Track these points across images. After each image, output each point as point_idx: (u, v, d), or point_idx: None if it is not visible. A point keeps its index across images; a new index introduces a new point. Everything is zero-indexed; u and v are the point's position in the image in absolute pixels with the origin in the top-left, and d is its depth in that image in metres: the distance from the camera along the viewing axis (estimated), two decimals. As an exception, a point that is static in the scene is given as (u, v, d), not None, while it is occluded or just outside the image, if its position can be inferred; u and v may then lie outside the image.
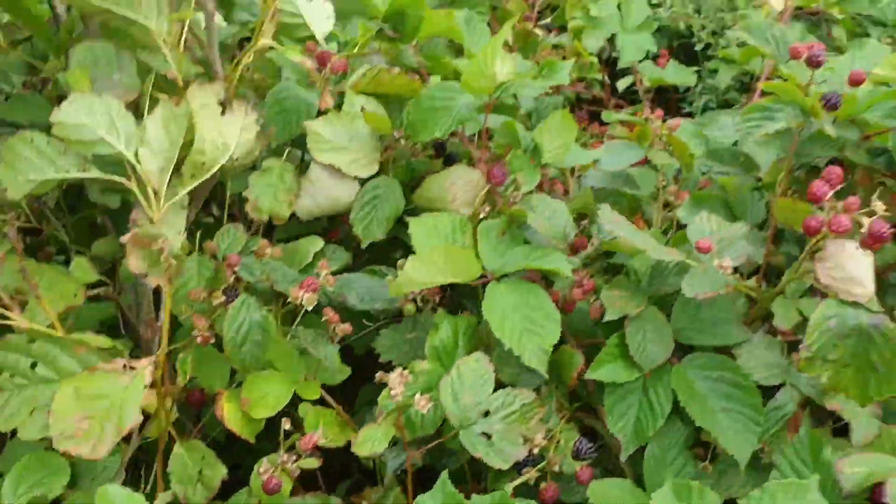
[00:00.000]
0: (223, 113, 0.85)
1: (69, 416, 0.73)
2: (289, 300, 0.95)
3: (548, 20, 2.00)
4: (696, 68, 1.88)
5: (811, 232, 0.87)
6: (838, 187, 0.88)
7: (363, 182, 1.14)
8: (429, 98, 1.08)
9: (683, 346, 1.03)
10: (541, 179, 1.15)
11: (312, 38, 1.19)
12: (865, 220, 0.84)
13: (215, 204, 1.25)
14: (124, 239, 0.78)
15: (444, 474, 0.83)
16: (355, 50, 1.21)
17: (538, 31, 1.93)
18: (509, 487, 0.90)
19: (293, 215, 1.11)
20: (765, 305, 1.00)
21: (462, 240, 1.04)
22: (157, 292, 1.00)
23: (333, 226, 1.24)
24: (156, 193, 0.78)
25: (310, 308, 0.94)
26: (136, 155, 0.77)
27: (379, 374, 0.91)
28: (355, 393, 1.17)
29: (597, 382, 1.02)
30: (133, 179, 0.78)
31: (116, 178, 0.78)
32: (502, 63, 1.06)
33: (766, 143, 1.16)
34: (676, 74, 1.79)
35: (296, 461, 0.88)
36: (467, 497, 0.81)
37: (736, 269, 1.00)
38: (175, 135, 0.78)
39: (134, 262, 0.78)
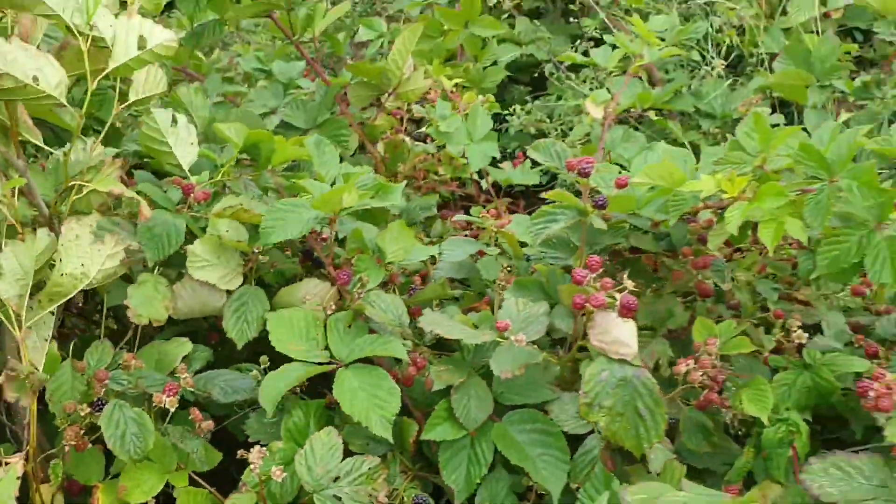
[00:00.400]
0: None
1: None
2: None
3: (422, 129, 2.25)
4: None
5: (577, 307, 1.09)
6: (599, 271, 1.10)
7: (230, 292, 1.32)
8: (281, 210, 1.28)
9: (505, 406, 1.23)
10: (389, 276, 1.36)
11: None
12: (618, 296, 1.07)
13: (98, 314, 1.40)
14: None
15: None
16: (220, 176, 1.41)
17: (407, 140, 2.18)
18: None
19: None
20: (563, 369, 1.21)
21: (314, 333, 1.23)
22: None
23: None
24: (17, 316, 0.95)
25: (172, 409, 1.10)
26: None
27: (240, 452, 1.07)
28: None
29: (437, 444, 1.20)
30: None
31: None
32: (349, 195, 1.28)
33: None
34: (523, 175, 2.05)
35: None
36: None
37: (556, 341, 1.20)
38: (27, 266, 0.95)
39: (8, 393, 0.93)
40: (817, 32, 2.47)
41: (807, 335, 1.31)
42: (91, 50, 1.06)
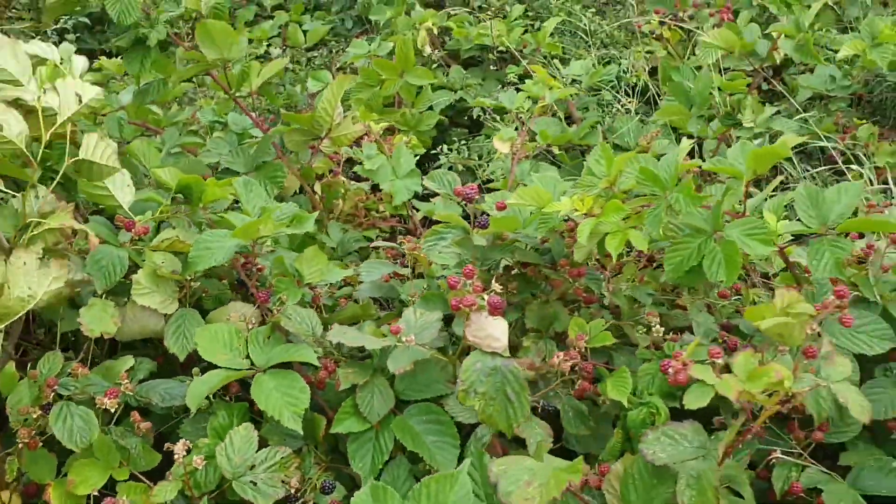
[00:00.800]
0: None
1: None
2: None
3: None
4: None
5: (454, 308, 1.29)
6: (473, 278, 1.30)
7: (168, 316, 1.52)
8: (206, 241, 1.47)
9: (407, 402, 1.42)
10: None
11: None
12: (486, 297, 1.27)
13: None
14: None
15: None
16: (158, 213, 1.61)
17: (346, 181, 2.39)
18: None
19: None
20: (455, 367, 1.40)
21: (237, 344, 1.41)
22: None
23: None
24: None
25: (112, 410, 1.28)
26: None
27: (167, 445, 1.26)
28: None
29: (348, 437, 1.38)
30: None
31: None
32: (266, 224, 1.48)
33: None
34: (445, 209, 2.27)
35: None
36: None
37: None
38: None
39: None
40: (720, 71, 2.72)
41: (678, 333, 1.52)
42: (44, 111, 1.27)
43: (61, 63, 1.49)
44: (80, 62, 1.62)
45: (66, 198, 1.55)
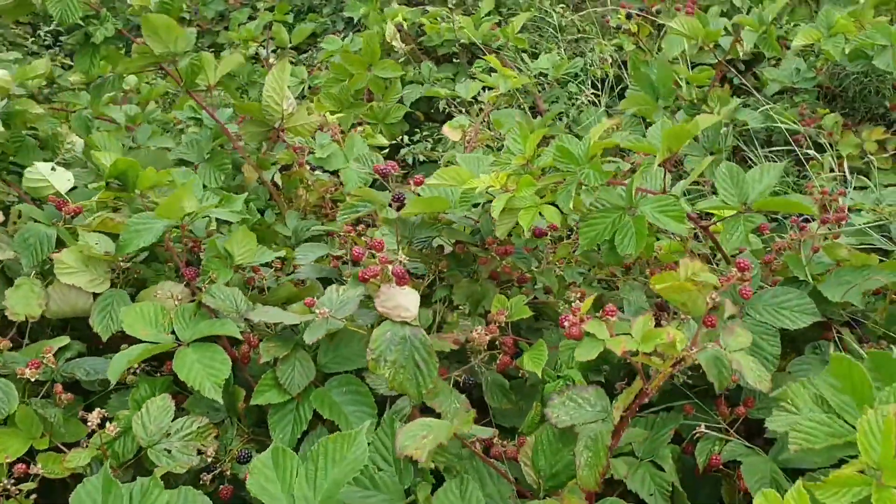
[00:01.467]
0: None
1: None
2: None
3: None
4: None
5: (361, 280, 1.31)
6: (381, 251, 1.32)
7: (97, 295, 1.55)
8: (135, 223, 1.50)
9: (330, 375, 1.44)
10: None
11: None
12: (390, 267, 1.29)
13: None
14: None
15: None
16: (96, 199, 1.64)
17: (306, 171, 2.42)
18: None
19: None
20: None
21: (163, 322, 1.44)
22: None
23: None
24: None
25: (32, 380, 1.31)
26: None
27: (81, 413, 1.28)
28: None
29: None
30: None
31: None
32: (188, 201, 1.51)
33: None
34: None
35: (14, 484, 1.23)
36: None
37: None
38: None
39: None
40: (689, 65, 2.74)
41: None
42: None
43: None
44: None
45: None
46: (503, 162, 1.44)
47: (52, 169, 1.70)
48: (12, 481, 1.24)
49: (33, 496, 1.28)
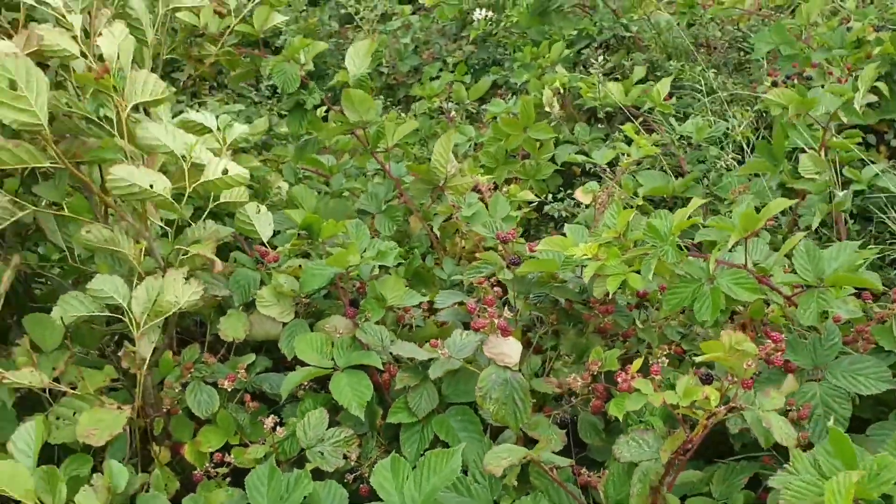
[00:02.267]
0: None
1: (85, 428, 1.55)
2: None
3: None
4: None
5: (475, 330, 1.63)
6: (492, 307, 1.64)
7: (285, 323, 1.98)
8: (312, 269, 1.92)
9: (451, 404, 1.78)
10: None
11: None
12: (496, 322, 1.60)
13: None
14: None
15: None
16: (290, 245, 2.09)
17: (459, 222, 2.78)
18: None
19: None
20: (485, 377, 1.74)
21: (326, 350, 1.84)
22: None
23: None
24: (138, 324, 1.64)
25: (229, 390, 1.75)
26: (129, 304, 1.64)
27: (260, 418, 1.70)
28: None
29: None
30: (126, 316, 1.65)
31: (119, 316, 1.65)
32: (353, 255, 1.91)
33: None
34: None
35: (214, 468, 1.67)
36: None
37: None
38: (151, 294, 1.65)
39: (124, 363, 1.63)
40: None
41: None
42: (191, 171, 1.77)
43: (219, 130, 2.01)
44: (238, 129, 2.13)
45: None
46: (597, 235, 1.71)
47: (258, 211, 2.15)
48: (213, 465, 1.68)
49: (228, 479, 1.71)
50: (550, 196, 2.99)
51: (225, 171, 1.79)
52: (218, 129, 1.99)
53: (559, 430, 1.71)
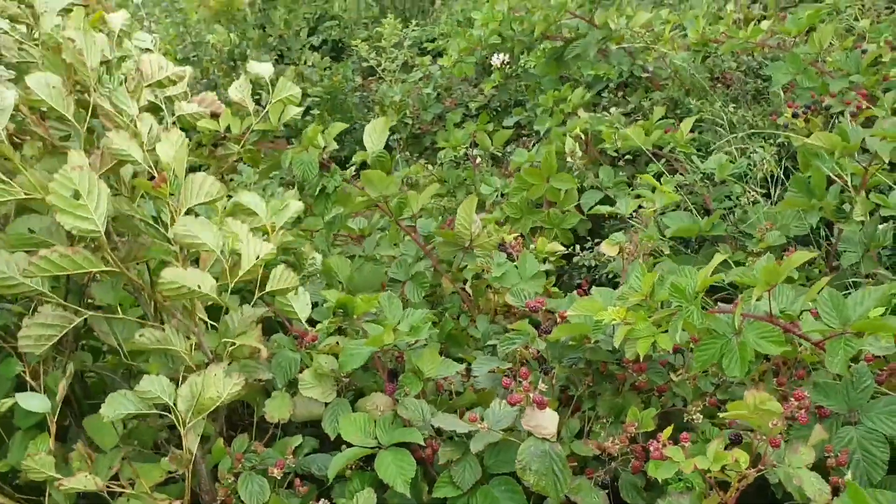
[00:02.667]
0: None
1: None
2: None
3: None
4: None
5: (511, 404, 1.67)
6: (527, 379, 1.68)
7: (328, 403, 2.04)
8: (349, 349, 1.99)
9: (493, 474, 1.81)
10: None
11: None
12: (531, 395, 1.64)
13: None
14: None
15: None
16: (327, 324, 2.16)
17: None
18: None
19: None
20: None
21: (370, 429, 1.90)
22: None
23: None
24: (183, 422, 1.72)
25: (279, 477, 1.81)
26: (174, 403, 1.72)
27: (312, 501, 1.76)
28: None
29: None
30: (173, 413, 1.73)
31: (167, 414, 1.73)
32: (388, 336, 1.97)
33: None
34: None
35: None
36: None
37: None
38: (195, 390, 1.72)
39: (171, 465, 1.71)
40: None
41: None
42: (230, 263, 1.85)
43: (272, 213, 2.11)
44: (294, 207, 2.23)
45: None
46: (625, 297, 1.75)
47: (296, 293, 2.23)
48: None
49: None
50: (579, 245, 3.02)
51: (256, 256, 1.88)
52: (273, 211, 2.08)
53: (601, 491, 1.74)
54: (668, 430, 1.46)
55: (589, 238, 3.13)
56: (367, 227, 3.44)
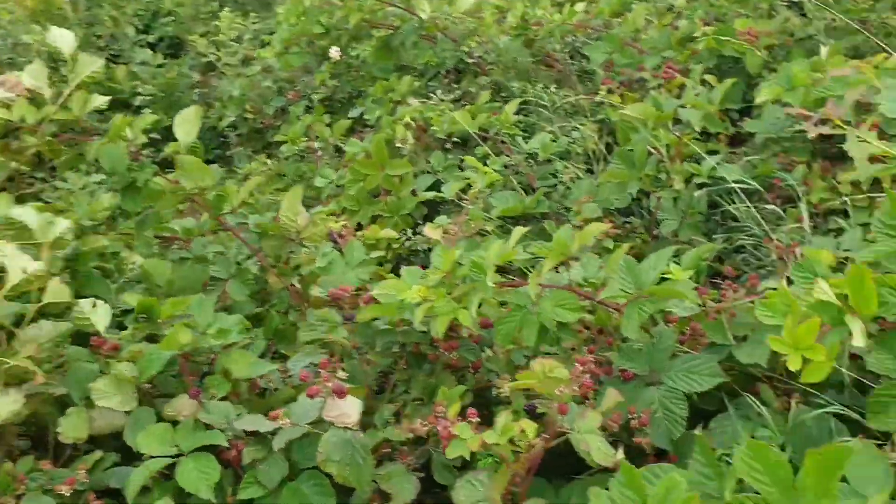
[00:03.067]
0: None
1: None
2: None
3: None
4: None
5: (310, 397, 1.60)
6: (325, 370, 1.61)
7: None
8: (147, 355, 1.86)
9: (303, 468, 1.73)
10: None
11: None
12: (330, 385, 1.58)
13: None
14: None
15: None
16: (130, 332, 2.02)
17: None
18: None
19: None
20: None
21: (170, 437, 1.77)
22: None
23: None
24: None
25: (67, 494, 1.67)
26: None
27: (103, 520, 1.62)
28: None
29: None
30: None
31: None
32: (183, 335, 1.85)
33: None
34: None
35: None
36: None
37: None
38: None
39: None
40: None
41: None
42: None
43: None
44: (61, 225, 2.06)
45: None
46: (428, 276, 1.71)
47: (94, 305, 2.07)
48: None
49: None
50: (411, 230, 2.98)
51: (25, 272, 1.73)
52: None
53: (414, 477, 1.69)
54: (456, 407, 1.43)
55: (423, 223, 3.11)
56: (196, 228, 3.28)
